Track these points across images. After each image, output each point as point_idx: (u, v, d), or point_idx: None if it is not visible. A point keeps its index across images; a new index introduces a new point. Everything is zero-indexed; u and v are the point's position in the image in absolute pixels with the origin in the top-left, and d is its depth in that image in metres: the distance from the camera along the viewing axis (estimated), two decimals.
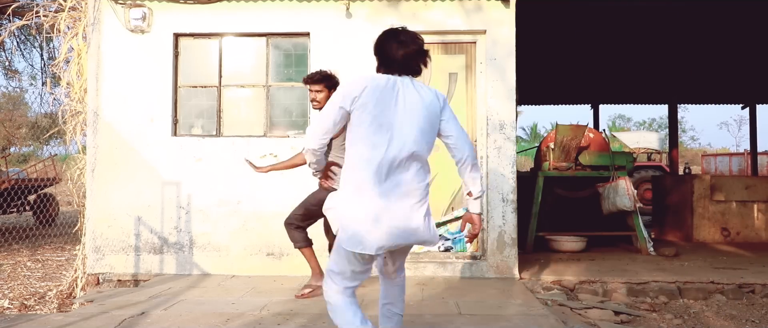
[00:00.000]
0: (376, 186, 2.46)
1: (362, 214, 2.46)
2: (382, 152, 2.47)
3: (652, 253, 6.55)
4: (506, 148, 5.28)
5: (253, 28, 5.48)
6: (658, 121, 40.69)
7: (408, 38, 2.59)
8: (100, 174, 5.45)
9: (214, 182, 5.38)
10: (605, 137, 7.30)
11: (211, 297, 4.45)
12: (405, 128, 2.51)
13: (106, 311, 4.00)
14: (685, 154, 30.76)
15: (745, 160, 19.40)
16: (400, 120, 2.51)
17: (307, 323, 3.66)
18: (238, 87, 5.55)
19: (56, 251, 8.65)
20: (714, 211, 7.87)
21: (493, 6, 5.32)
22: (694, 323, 4.40)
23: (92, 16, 5.49)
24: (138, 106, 5.47)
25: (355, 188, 2.50)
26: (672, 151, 12.66)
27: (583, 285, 5.03)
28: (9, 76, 13.11)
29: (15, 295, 5.75)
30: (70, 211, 14.28)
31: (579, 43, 8.72)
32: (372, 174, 2.46)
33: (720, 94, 12.46)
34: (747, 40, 8.47)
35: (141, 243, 5.44)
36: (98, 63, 5.49)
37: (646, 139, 18.02)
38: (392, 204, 2.48)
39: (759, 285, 5.01)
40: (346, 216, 2.51)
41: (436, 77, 5.50)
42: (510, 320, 3.74)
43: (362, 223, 2.46)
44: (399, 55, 2.57)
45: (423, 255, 5.38)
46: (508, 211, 5.27)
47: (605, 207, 6.79)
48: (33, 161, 19.11)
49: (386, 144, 2.48)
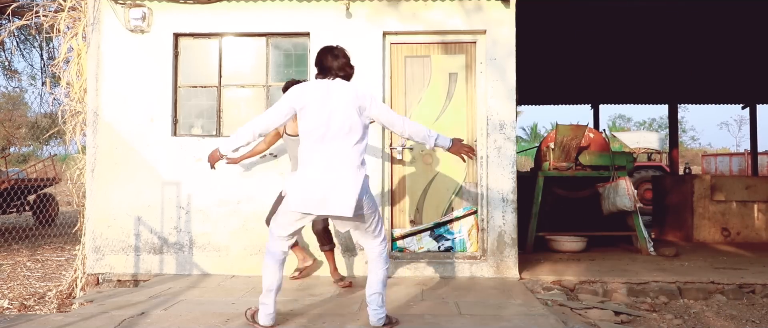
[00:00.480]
0: (311, 164, 3.24)
1: (301, 184, 3.22)
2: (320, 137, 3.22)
3: (653, 253, 6.54)
4: (506, 148, 5.28)
5: (253, 28, 5.48)
6: (658, 121, 40.71)
7: (340, 53, 3.39)
8: (100, 174, 5.45)
9: (214, 182, 5.38)
10: (605, 137, 7.30)
11: (211, 297, 4.45)
12: (337, 117, 3.23)
13: (105, 311, 4.00)
14: (686, 155, 30.77)
15: (745, 161, 19.41)
16: (332, 111, 3.23)
17: (307, 323, 3.65)
18: (238, 87, 5.55)
19: (56, 251, 8.65)
20: (714, 211, 7.86)
21: (493, 6, 5.32)
22: (695, 323, 4.39)
23: (92, 16, 5.48)
24: (138, 106, 5.47)
25: (301, 165, 3.30)
26: (672, 151, 12.66)
27: (583, 285, 5.03)
28: (9, 76, 13.11)
29: (15, 295, 5.75)
30: (69, 211, 14.29)
31: (579, 43, 8.72)
32: (310, 154, 3.25)
33: (720, 94, 12.45)
34: (747, 40, 8.47)
35: (141, 243, 5.44)
36: (98, 63, 5.49)
37: (647, 139, 18.02)
38: (321, 180, 3.19)
39: (759, 285, 5.00)
40: (290, 185, 3.29)
41: (436, 77, 5.50)
42: (510, 320, 3.73)
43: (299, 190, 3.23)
44: (334, 64, 3.35)
45: (423, 255, 5.38)
46: (508, 211, 5.27)
47: (605, 207, 6.79)
48: (33, 161, 19.11)
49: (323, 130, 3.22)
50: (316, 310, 4.01)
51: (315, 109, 3.24)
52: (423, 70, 5.52)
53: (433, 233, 5.42)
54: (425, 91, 5.50)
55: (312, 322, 3.68)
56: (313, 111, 3.25)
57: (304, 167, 3.27)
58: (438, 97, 5.50)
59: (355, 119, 3.25)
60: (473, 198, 5.43)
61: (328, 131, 3.22)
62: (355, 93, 3.29)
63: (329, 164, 3.21)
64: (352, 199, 3.17)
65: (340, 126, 3.23)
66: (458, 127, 5.48)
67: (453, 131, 5.48)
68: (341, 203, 3.17)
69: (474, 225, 5.38)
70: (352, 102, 3.25)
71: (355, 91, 3.30)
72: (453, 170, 5.47)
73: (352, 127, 3.25)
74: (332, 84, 3.30)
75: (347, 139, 3.24)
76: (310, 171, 3.24)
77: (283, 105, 3.29)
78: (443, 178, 5.47)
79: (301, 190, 3.22)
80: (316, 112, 3.23)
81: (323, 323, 3.64)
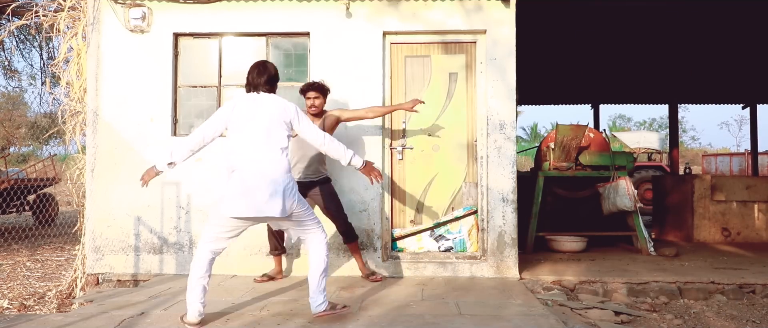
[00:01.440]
0: (242, 171, 3.44)
1: (232, 191, 3.43)
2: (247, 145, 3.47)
3: (653, 253, 6.54)
4: (506, 148, 5.28)
5: (253, 28, 5.47)
6: (659, 121, 40.71)
7: (270, 67, 3.68)
8: (100, 174, 5.45)
9: (213, 182, 5.37)
10: (605, 137, 7.29)
11: (211, 297, 4.44)
12: (260, 127, 3.48)
13: (105, 311, 3.99)
14: (686, 154, 30.76)
15: (745, 160, 19.41)
16: (257, 122, 3.49)
17: (307, 324, 3.65)
18: (238, 87, 5.54)
19: (56, 251, 8.65)
20: (714, 211, 7.86)
21: (493, 6, 5.31)
22: (695, 323, 4.39)
23: (92, 16, 5.48)
24: (138, 105, 5.47)
25: (231, 172, 3.50)
26: (672, 151, 12.65)
27: (583, 285, 5.02)
28: (8, 76, 13.10)
29: (14, 295, 5.75)
30: (69, 211, 14.29)
31: (579, 43, 8.71)
32: (240, 162, 3.46)
33: (720, 94, 12.45)
34: (747, 40, 8.46)
35: (141, 243, 5.44)
36: (98, 63, 5.49)
37: (647, 139, 18.02)
38: (251, 185, 3.39)
39: (759, 285, 5.00)
40: (224, 193, 3.49)
41: (436, 77, 5.50)
42: (510, 321, 3.73)
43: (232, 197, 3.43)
44: (260, 80, 3.62)
45: (423, 255, 5.37)
46: (508, 211, 5.26)
47: (605, 207, 6.78)
48: (32, 161, 19.11)
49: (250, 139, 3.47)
50: None
51: (243, 120, 3.52)
52: (423, 70, 5.51)
53: (433, 233, 5.42)
54: (425, 91, 5.50)
55: (312, 322, 3.68)
56: (241, 122, 3.53)
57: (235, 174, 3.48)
58: (438, 97, 5.49)
59: (281, 130, 3.53)
60: (473, 198, 5.43)
61: (256, 140, 3.48)
62: (282, 107, 3.58)
63: (258, 170, 3.44)
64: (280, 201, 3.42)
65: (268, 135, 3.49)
66: (458, 127, 5.47)
67: (453, 131, 5.47)
68: (273, 205, 3.41)
69: (474, 225, 5.38)
70: (278, 115, 3.55)
71: (283, 105, 3.60)
72: (453, 170, 5.47)
73: (279, 137, 3.52)
74: (259, 97, 3.60)
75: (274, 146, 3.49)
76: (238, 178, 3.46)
77: (214, 120, 3.57)
78: (443, 178, 5.47)
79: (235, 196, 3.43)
80: (245, 123, 3.52)
81: (323, 323, 3.64)
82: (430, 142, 5.48)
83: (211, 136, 3.56)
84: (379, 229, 5.31)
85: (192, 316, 3.53)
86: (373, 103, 5.29)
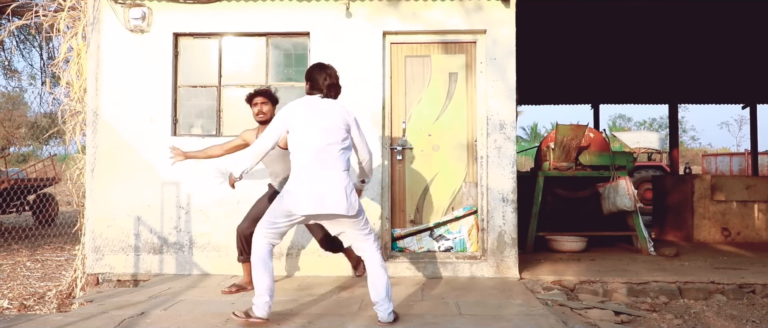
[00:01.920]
0: (306, 169, 3.50)
1: (298, 188, 3.49)
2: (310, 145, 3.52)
3: (653, 253, 6.54)
4: (506, 148, 5.28)
5: (253, 28, 5.47)
6: (659, 121, 40.70)
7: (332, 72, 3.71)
8: (100, 174, 5.45)
9: (213, 182, 5.38)
10: (605, 137, 7.29)
11: (211, 297, 4.45)
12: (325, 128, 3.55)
13: (105, 311, 4.00)
14: (686, 154, 30.77)
15: (745, 160, 19.41)
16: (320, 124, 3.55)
17: (306, 324, 3.65)
18: (238, 87, 5.54)
19: (56, 251, 8.65)
20: (714, 211, 7.86)
21: (493, 6, 5.31)
22: (695, 323, 4.39)
23: (92, 16, 5.48)
24: (138, 105, 5.47)
25: (295, 171, 3.56)
26: (672, 151, 12.65)
27: (583, 285, 5.02)
28: (8, 76, 13.10)
29: (14, 295, 5.75)
30: (69, 211, 14.29)
31: (579, 43, 8.71)
32: (304, 161, 3.52)
33: (720, 94, 12.45)
34: (747, 40, 8.46)
35: (141, 243, 5.44)
36: (98, 63, 5.49)
37: (647, 139, 18.02)
38: (316, 183, 3.47)
39: (759, 285, 5.00)
40: (287, 188, 3.56)
41: (436, 77, 5.50)
42: (510, 320, 3.73)
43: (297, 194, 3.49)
44: (325, 84, 3.67)
45: (423, 255, 5.37)
46: (508, 211, 5.26)
47: (605, 207, 6.78)
48: (32, 161, 19.11)
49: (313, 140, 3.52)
50: (316, 310, 4.01)
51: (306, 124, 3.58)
52: (423, 70, 5.51)
53: (433, 233, 5.42)
54: (425, 91, 5.50)
55: (312, 322, 3.68)
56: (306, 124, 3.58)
57: (299, 174, 3.54)
58: (438, 97, 5.49)
59: (342, 133, 3.61)
60: (473, 198, 5.43)
61: (320, 143, 3.54)
62: (344, 112, 3.68)
63: (322, 171, 3.52)
64: (344, 198, 3.49)
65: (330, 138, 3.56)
66: (458, 127, 5.47)
67: (453, 131, 5.47)
68: (336, 202, 3.48)
69: (474, 225, 5.38)
70: (340, 118, 3.63)
71: (345, 110, 3.69)
72: (453, 170, 5.47)
73: (342, 139, 3.60)
74: (322, 101, 3.66)
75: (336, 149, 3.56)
76: (305, 176, 3.52)
77: (277, 125, 3.63)
78: (443, 178, 5.47)
79: (299, 193, 3.49)
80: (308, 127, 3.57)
81: (323, 323, 3.64)
82: (430, 142, 5.48)
83: (272, 145, 3.65)
84: (379, 229, 5.31)
85: (261, 311, 3.53)
86: (373, 102, 5.34)
